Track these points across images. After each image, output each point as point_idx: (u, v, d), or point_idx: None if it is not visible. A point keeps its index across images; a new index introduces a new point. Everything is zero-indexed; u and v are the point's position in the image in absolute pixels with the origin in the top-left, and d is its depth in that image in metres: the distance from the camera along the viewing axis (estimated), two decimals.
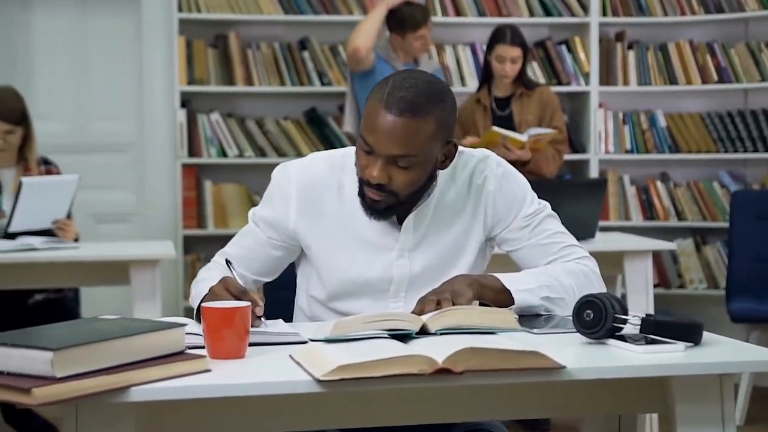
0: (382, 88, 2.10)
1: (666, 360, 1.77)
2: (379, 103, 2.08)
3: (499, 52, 4.75)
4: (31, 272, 3.95)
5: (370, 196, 2.14)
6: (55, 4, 5.46)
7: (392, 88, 2.08)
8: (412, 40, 4.78)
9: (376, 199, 2.14)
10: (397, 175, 2.11)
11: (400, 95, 2.07)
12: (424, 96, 2.09)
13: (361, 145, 2.12)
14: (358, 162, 2.16)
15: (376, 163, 2.09)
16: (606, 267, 4.34)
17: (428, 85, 2.11)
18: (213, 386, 1.58)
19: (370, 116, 2.10)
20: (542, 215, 2.30)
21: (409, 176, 2.12)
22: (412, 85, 2.09)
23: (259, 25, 5.42)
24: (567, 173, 5.64)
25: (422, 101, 2.08)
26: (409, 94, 2.07)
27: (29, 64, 5.45)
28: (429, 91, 2.11)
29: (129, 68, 5.50)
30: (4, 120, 4.18)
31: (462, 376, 1.63)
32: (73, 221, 4.37)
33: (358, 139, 2.15)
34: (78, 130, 5.52)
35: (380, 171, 2.09)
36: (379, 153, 2.09)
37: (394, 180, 2.11)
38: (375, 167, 2.09)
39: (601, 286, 2.26)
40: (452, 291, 2.08)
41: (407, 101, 2.07)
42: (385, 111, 2.07)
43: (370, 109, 2.10)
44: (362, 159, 2.13)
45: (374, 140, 2.08)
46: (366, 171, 2.11)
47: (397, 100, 2.07)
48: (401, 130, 2.07)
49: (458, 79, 5.52)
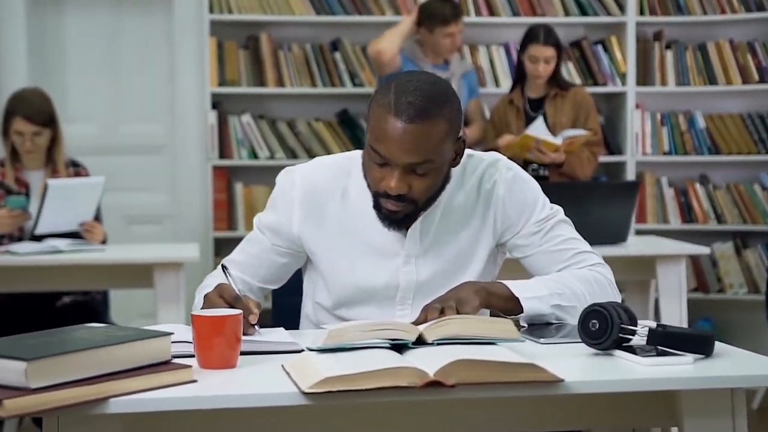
0: (386, 96, 2.02)
1: (673, 373, 1.70)
2: (386, 111, 2.00)
3: (533, 53, 4.67)
4: (56, 274, 3.95)
5: (388, 207, 2.07)
6: (88, 6, 5.46)
7: (397, 95, 2.01)
8: (441, 37, 4.71)
9: (395, 210, 2.08)
10: (416, 182, 2.05)
11: (408, 101, 2.00)
12: (431, 98, 2.02)
13: (372, 157, 2.05)
14: (369, 175, 2.08)
15: (392, 173, 2.02)
16: (638, 272, 4.29)
17: (432, 86, 2.05)
18: (193, 398, 1.53)
19: (379, 126, 2.02)
20: (554, 220, 2.22)
21: (428, 182, 2.07)
22: (417, 88, 2.02)
23: (290, 26, 5.38)
24: (603, 175, 5.54)
25: (431, 104, 2.01)
26: (416, 98, 2.00)
27: (62, 66, 5.46)
28: (435, 91, 2.04)
29: (161, 70, 5.49)
30: (32, 122, 4.18)
31: (454, 389, 1.57)
32: (101, 224, 4.37)
33: (367, 151, 2.07)
34: (110, 132, 5.53)
35: (399, 181, 2.02)
36: (395, 163, 2.02)
37: (413, 188, 2.05)
38: (392, 178, 2.02)
39: (615, 294, 2.19)
40: (458, 299, 2.02)
41: (416, 106, 2.00)
42: (395, 119, 1.99)
43: (377, 119, 2.02)
44: (375, 172, 2.06)
45: (388, 151, 2.01)
46: (382, 183, 2.04)
47: (406, 106, 1.99)
48: (415, 137, 2.00)
49: (492, 79, 5.44)
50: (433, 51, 4.78)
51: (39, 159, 4.28)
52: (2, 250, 3.99)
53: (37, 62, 5.39)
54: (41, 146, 4.24)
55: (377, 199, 2.09)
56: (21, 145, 4.20)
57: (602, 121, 5.45)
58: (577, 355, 1.81)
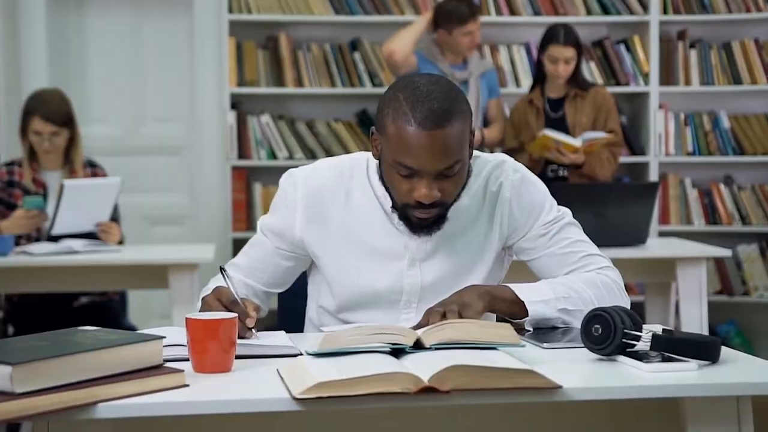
0: (399, 108, 1.98)
1: (676, 380, 1.65)
2: (406, 124, 1.96)
3: (552, 53, 4.62)
4: (72, 275, 3.96)
5: (418, 216, 2.04)
6: (109, 7, 5.47)
7: (412, 104, 1.97)
8: (459, 36, 4.66)
9: (427, 217, 2.05)
10: (446, 185, 2.02)
11: (428, 107, 1.96)
12: (445, 98, 1.98)
13: (398, 170, 2.00)
14: (395, 189, 2.04)
15: (422, 183, 1.99)
16: (659, 274, 4.23)
17: (440, 86, 2.01)
18: (183, 403, 1.51)
19: (401, 140, 1.97)
20: (561, 223, 2.18)
21: (458, 180, 2.05)
22: (429, 93, 1.98)
23: (309, 26, 5.37)
24: (626, 176, 5.49)
25: (448, 104, 1.98)
26: (433, 103, 1.97)
27: (83, 67, 5.47)
28: (444, 90, 2.00)
29: (181, 70, 5.49)
30: (50, 122, 4.19)
31: (449, 395, 1.54)
32: (119, 224, 4.37)
33: (388, 166, 2.02)
34: (131, 133, 5.53)
35: (431, 189, 1.99)
36: (426, 172, 1.98)
37: (444, 191, 2.03)
38: (423, 187, 1.99)
39: (624, 297, 2.14)
40: (461, 303, 1.98)
41: (436, 111, 1.96)
42: (419, 129, 1.95)
43: (398, 134, 1.97)
44: (402, 185, 2.02)
45: (418, 162, 1.97)
46: (413, 194, 2.00)
47: (426, 113, 1.96)
48: (443, 142, 1.97)
49: (513, 79, 5.40)
50: (452, 51, 4.74)
51: (57, 159, 4.29)
52: (18, 250, 4.00)
53: (58, 63, 5.40)
54: (59, 146, 4.24)
55: (405, 210, 2.06)
56: (39, 145, 4.21)
57: (625, 121, 5.39)
58: (580, 361, 1.78)
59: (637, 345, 1.77)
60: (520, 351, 1.77)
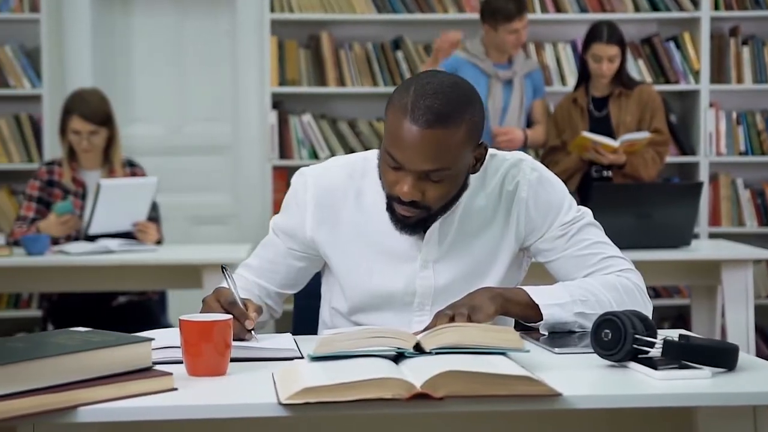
0: (404, 96, 1.91)
1: (686, 388, 1.57)
2: (402, 114, 1.89)
3: (595, 51, 4.52)
4: (107, 274, 3.96)
5: (400, 212, 1.98)
6: (153, 7, 5.47)
7: (416, 96, 1.89)
8: (505, 33, 4.57)
9: (408, 215, 1.98)
10: (429, 189, 1.95)
11: (426, 104, 1.88)
12: (452, 101, 1.90)
13: (387, 160, 1.94)
14: (383, 177, 1.98)
15: (405, 179, 1.92)
16: (704, 277, 4.11)
17: (454, 88, 1.93)
18: (165, 407, 1.46)
19: (394, 129, 1.90)
20: (580, 223, 2.10)
21: (443, 189, 1.96)
22: (438, 91, 1.91)
23: (351, 25, 5.32)
24: (675, 176, 5.36)
25: (451, 108, 1.90)
26: (435, 101, 1.89)
27: (127, 67, 5.48)
28: (456, 94, 1.92)
29: (225, 70, 5.48)
30: (89, 121, 4.19)
31: (443, 402, 1.47)
32: (159, 224, 4.36)
33: (382, 152, 1.97)
34: (175, 133, 5.53)
35: (411, 187, 1.92)
36: (409, 169, 1.92)
37: (427, 195, 1.95)
38: (405, 183, 1.92)
39: (645, 302, 2.06)
40: (471, 305, 1.92)
41: (435, 111, 1.88)
42: (411, 123, 1.88)
43: (394, 122, 1.91)
44: (389, 175, 1.95)
45: (402, 156, 1.90)
46: (396, 188, 1.94)
47: (424, 110, 1.88)
48: (432, 143, 1.89)
49: (558, 78, 5.30)
50: (497, 49, 4.64)
51: (96, 159, 4.29)
52: (56, 249, 4.00)
53: (102, 63, 5.42)
54: (98, 145, 4.24)
55: (390, 201, 2.00)
56: (78, 144, 4.21)
57: (674, 120, 5.27)
58: (589, 367, 1.70)
59: (651, 351, 1.69)
60: (526, 356, 1.70)
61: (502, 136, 4.57)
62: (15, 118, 5.17)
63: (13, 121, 5.16)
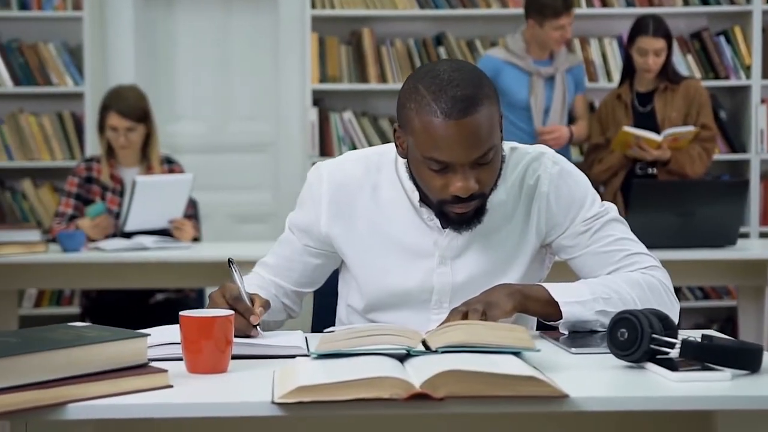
0: (421, 100, 1.84)
1: (703, 390, 1.49)
2: (429, 115, 1.83)
3: (641, 45, 4.42)
4: (141, 272, 3.94)
5: (456, 211, 1.91)
6: (196, 5, 5.47)
7: (435, 94, 1.83)
8: (551, 29, 4.48)
9: (465, 211, 1.92)
10: (482, 175, 1.89)
11: (450, 95, 1.83)
12: (468, 81, 1.85)
13: (428, 166, 1.87)
14: (428, 186, 1.91)
15: (457, 176, 1.86)
16: (751, 277, 4.00)
17: (461, 71, 1.87)
18: (155, 405, 1.42)
19: (429, 135, 1.84)
20: (604, 219, 2.02)
21: (493, 168, 1.91)
22: (451, 79, 1.85)
23: (393, 21, 5.26)
24: (725, 174, 5.23)
25: (472, 87, 1.85)
26: (456, 90, 1.84)
27: (170, 65, 5.48)
28: (468, 76, 1.87)
29: (267, 67, 5.46)
30: (126, 117, 4.19)
31: (443, 402, 1.41)
32: (196, 222, 4.35)
33: (417, 163, 1.89)
34: (218, 130, 5.52)
35: (467, 180, 1.86)
36: (460, 164, 1.86)
37: (481, 181, 1.89)
38: (458, 180, 1.86)
39: (672, 301, 1.98)
40: (487, 302, 1.85)
41: (462, 98, 1.83)
42: (447, 120, 1.82)
43: (422, 126, 1.84)
44: (435, 180, 1.88)
45: (450, 155, 1.84)
46: (449, 189, 1.87)
47: (451, 101, 1.83)
48: (473, 130, 1.84)
49: (604, 74, 5.20)
50: (540, 45, 4.56)
51: (134, 155, 4.29)
52: (91, 246, 4.00)
53: (145, 60, 5.42)
54: (135, 142, 4.23)
55: (442, 207, 1.93)
56: (115, 141, 4.21)
57: (724, 116, 5.14)
58: (605, 368, 1.63)
59: (671, 352, 1.61)
60: (539, 356, 1.63)
61: (548, 135, 4.48)
62: (58, 116, 5.19)
63: (55, 119, 5.18)
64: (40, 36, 5.19)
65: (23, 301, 5.12)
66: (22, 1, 5.13)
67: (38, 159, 5.15)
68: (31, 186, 5.17)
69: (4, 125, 5.15)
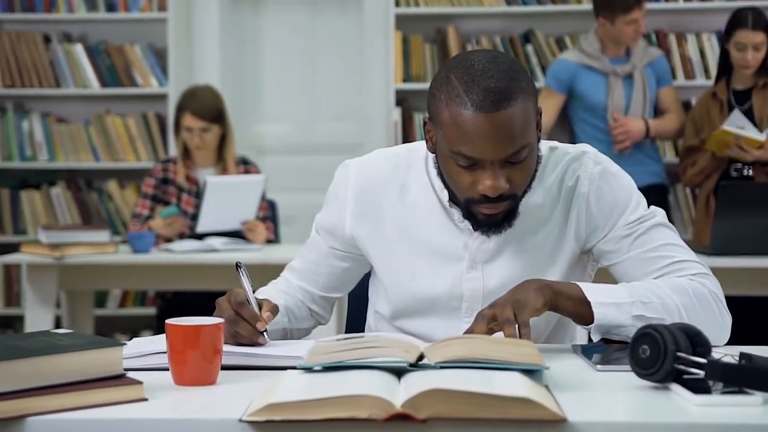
0: (452, 91, 1.72)
1: (725, 417, 1.32)
2: (460, 107, 1.71)
3: (739, 39, 4.18)
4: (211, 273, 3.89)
5: (484, 212, 1.79)
6: (283, 6, 5.42)
7: (467, 85, 1.71)
8: (623, 24, 4.28)
9: (494, 212, 1.79)
10: (514, 174, 1.76)
11: (483, 86, 1.70)
12: (503, 73, 1.72)
13: (456, 162, 1.75)
14: (455, 184, 1.79)
15: (486, 173, 1.73)
16: None
17: (496, 60, 1.74)
18: (113, 421, 1.32)
19: (457, 127, 1.72)
20: (649, 223, 1.86)
21: (527, 168, 1.78)
22: (485, 70, 1.72)
23: (479, 19, 5.11)
24: None
25: (507, 80, 1.72)
26: (490, 81, 1.71)
27: (257, 66, 5.44)
28: (502, 64, 1.74)
29: (352, 67, 5.38)
30: (200, 117, 4.15)
31: (425, 424, 1.28)
32: (272, 223, 4.29)
33: (445, 159, 1.78)
34: (305, 131, 5.46)
35: (497, 179, 1.74)
36: (490, 161, 1.73)
37: (513, 181, 1.76)
38: (487, 178, 1.73)
39: (722, 311, 1.81)
40: (515, 300, 1.70)
41: (495, 91, 1.70)
42: (477, 112, 1.70)
43: (453, 120, 1.72)
44: (463, 177, 1.76)
45: (479, 151, 1.72)
46: (478, 187, 1.75)
47: (483, 93, 1.70)
48: (506, 124, 1.71)
49: (701, 71, 4.95)
50: (614, 42, 4.36)
51: (209, 156, 4.25)
52: (162, 247, 3.98)
53: (231, 61, 5.40)
54: (210, 143, 4.20)
55: (470, 206, 1.80)
56: (190, 141, 4.18)
57: None
58: (625, 388, 1.47)
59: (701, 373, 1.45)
60: (553, 374, 1.49)
61: (616, 129, 4.29)
62: (143, 117, 5.20)
63: (140, 120, 5.19)
64: (126, 38, 5.21)
65: (108, 302, 5.15)
66: (109, 3, 5.15)
67: (123, 160, 5.17)
68: (116, 187, 5.19)
69: (91, 126, 5.18)
